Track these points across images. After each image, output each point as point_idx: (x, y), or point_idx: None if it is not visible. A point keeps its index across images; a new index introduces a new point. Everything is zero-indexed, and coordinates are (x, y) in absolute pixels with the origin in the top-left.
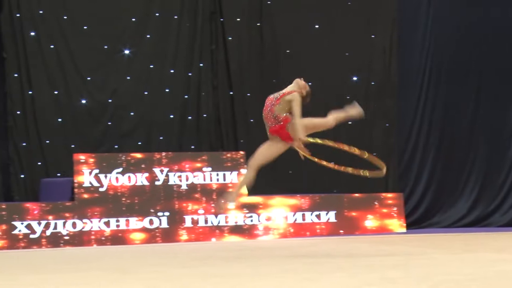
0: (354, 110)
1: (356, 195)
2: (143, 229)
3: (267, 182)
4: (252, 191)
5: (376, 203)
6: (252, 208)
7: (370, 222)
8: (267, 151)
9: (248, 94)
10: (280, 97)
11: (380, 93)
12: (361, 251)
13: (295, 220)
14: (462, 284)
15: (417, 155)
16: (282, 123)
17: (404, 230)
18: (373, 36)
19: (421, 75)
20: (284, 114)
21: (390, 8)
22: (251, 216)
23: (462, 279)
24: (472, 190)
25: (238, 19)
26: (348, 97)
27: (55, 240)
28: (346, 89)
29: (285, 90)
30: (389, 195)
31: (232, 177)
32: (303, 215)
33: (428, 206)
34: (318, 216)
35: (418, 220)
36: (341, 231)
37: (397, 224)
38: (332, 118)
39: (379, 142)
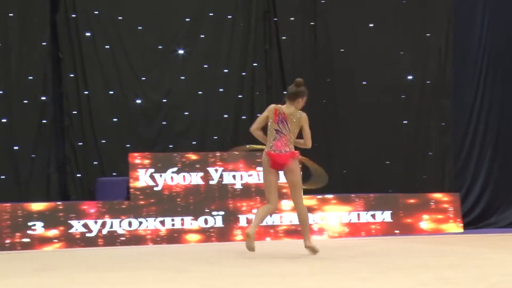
0: None
1: (412, 195)
2: (198, 228)
3: None
4: (306, 192)
5: (432, 203)
6: (307, 207)
7: (426, 222)
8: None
9: None
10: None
11: (435, 92)
12: (417, 251)
13: (350, 220)
14: None
15: (473, 155)
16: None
17: (461, 230)
18: (428, 35)
19: (477, 74)
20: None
21: (446, 6)
22: None
23: None
24: None
25: (292, 18)
26: (403, 96)
27: (111, 239)
28: (401, 89)
29: None
30: (445, 196)
31: None
32: (358, 215)
33: (485, 206)
34: (373, 216)
35: (475, 220)
36: (397, 231)
37: (453, 225)
38: None
39: (434, 141)
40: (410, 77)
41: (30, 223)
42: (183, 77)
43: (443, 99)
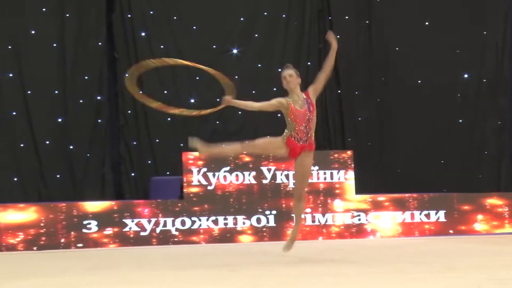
0: None
1: (466, 196)
2: (251, 227)
3: (375, 182)
4: (360, 191)
5: (487, 203)
6: (360, 207)
7: (481, 222)
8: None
9: (356, 93)
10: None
11: (491, 91)
12: (471, 251)
13: (404, 219)
14: None
15: None
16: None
17: None
18: (484, 32)
19: None
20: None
21: (503, 3)
22: (358, 215)
23: None
24: None
25: (346, 17)
26: (458, 95)
27: (165, 238)
28: (457, 87)
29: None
30: (500, 199)
31: (339, 176)
32: (412, 214)
33: None
34: (427, 216)
35: None
36: (451, 231)
37: (508, 225)
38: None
39: (490, 140)
40: (466, 76)
41: (85, 222)
42: (237, 77)
43: (500, 98)
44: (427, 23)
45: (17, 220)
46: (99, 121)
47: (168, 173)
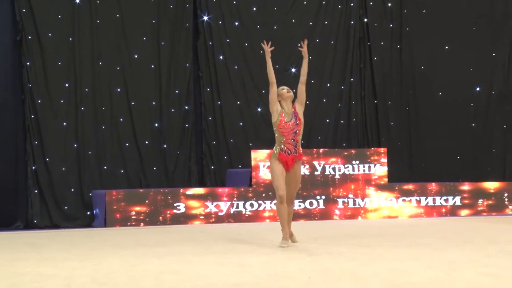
0: None
1: (476, 183)
2: (304, 209)
3: (404, 173)
4: (391, 180)
5: (491, 191)
6: (391, 193)
7: (487, 205)
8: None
9: (389, 103)
10: (299, 120)
11: (499, 101)
12: (483, 229)
13: (427, 203)
14: None
15: None
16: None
17: None
18: (493, 54)
19: None
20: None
21: (508, 29)
22: (390, 200)
23: None
24: None
25: (382, 43)
26: (472, 104)
27: (238, 217)
28: (470, 98)
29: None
30: (502, 184)
31: (375, 169)
32: (433, 199)
33: None
34: (445, 200)
35: None
36: (462, 214)
37: (508, 209)
38: None
39: (498, 140)
40: (478, 89)
41: (176, 204)
42: (295, 90)
43: (506, 106)
44: (447, 47)
45: (128, 203)
46: (187, 125)
47: (240, 166)
